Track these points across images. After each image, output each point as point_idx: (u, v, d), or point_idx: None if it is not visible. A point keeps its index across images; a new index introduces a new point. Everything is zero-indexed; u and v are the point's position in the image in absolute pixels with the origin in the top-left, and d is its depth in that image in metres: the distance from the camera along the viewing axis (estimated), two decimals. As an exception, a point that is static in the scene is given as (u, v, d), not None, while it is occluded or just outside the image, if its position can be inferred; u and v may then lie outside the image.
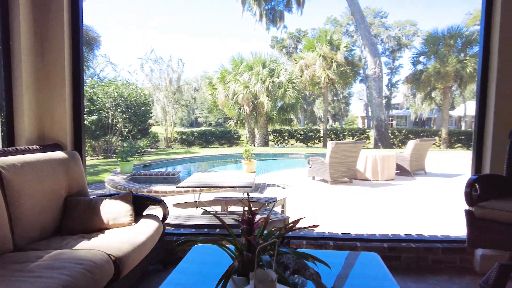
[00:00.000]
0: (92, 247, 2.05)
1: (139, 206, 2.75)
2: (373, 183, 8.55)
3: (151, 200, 2.81)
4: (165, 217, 2.78)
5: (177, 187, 4.94)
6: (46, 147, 2.64)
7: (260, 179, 8.70)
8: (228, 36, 76.88)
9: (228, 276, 1.33)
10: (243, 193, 4.95)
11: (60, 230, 2.39)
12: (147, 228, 2.46)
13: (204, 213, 4.09)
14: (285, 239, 1.59)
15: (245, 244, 1.40)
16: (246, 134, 22.46)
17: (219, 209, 4.64)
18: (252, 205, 1.56)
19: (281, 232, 1.50)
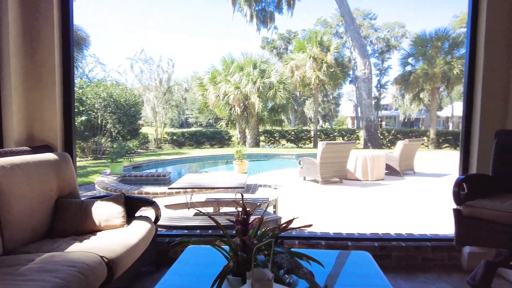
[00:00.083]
0: (84, 249, 2.03)
1: (131, 207, 2.73)
2: (363, 183, 8.65)
3: (143, 201, 2.79)
4: (157, 218, 2.76)
5: (168, 188, 4.93)
6: (36, 149, 2.59)
7: (251, 179, 8.70)
8: (218, 36, 76.81)
9: (224, 276, 1.34)
10: (235, 194, 4.96)
11: (51, 233, 2.36)
12: (140, 230, 2.44)
13: (197, 214, 4.09)
14: (279, 239, 1.61)
15: (240, 245, 1.41)
16: (237, 134, 22.42)
17: (211, 210, 4.64)
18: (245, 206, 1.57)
19: (275, 232, 1.52)
